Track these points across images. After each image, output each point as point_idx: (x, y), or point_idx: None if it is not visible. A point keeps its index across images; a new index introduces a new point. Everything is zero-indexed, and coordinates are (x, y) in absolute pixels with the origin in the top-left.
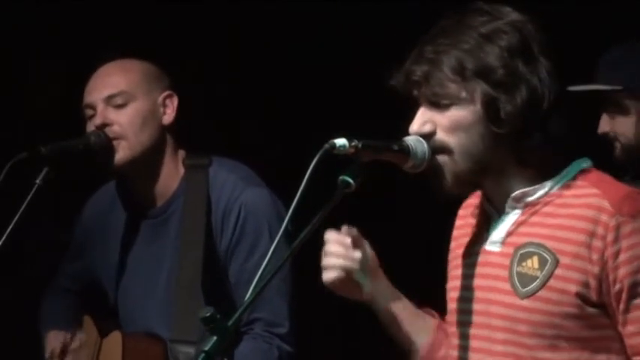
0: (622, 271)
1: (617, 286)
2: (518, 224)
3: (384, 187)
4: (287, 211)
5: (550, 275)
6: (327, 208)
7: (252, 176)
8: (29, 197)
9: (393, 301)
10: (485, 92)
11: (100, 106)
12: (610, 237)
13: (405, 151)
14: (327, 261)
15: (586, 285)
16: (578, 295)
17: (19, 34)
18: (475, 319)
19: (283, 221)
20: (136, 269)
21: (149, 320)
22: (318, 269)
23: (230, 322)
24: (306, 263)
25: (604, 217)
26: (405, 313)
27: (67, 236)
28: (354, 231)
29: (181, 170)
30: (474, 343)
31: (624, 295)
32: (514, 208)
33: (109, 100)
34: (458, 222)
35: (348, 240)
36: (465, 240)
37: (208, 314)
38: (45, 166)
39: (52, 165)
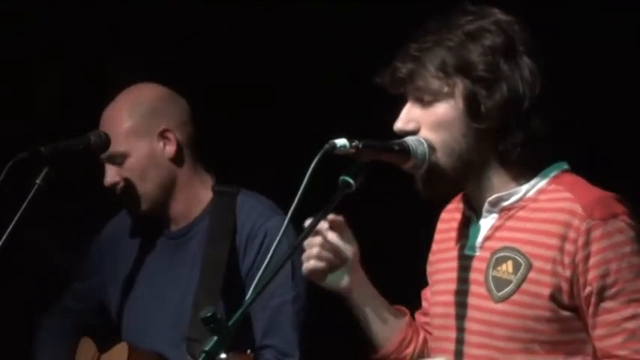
0: (591, 275)
1: (587, 290)
2: (495, 229)
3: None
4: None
5: (524, 279)
6: (327, 209)
7: (278, 208)
8: (29, 197)
9: (368, 296)
10: (466, 87)
11: (106, 165)
12: (581, 240)
13: (406, 152)
14: (309, 251)
15: (559, 288)
16: (551, 298)
17: (20, 34)
18: (454, 323)
19: (304, 254)
20: (149, 287)
21: (157, 340)
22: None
23: (230, 322)
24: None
25: (576, 221)
26: (378, 308)
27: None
28: (341, 220)
29: (208, 195)
30: (453, 347)
31: (593, 299)
32: (491, 212)
33: (109, 160)
34: (440, 225)
35: (332, 234)
36: (447, 245)
37: (209, 314)
38: (45, 166)
39: (52, 165)
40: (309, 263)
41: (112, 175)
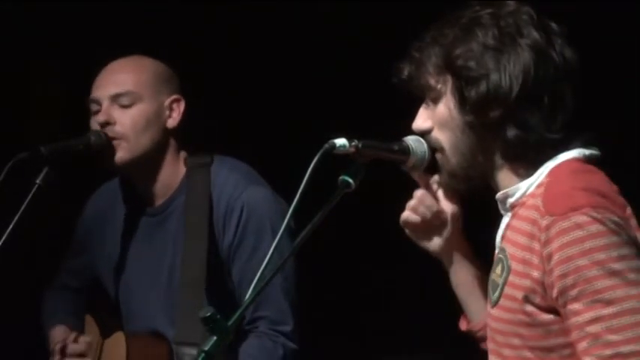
0: (554, 275)
1: (554, 291)
2: (506, 228)
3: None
4: (288, 210)
5: (505, 282)
6: (327, 208)
7: (254, 175)
8: (29, 197)
9: (463, 266)
10: (453, 83)
11: (105, 103)
12: (543, 238)
13: (406, 151)
14: (413, 203)
15: (532, 290)
16: (525, 301)
17: (20, 35)
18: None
19: (285, 219)
20: (137, 266)
21: (152, 317)
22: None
23: (230, 322)
24: (310, 262)
25: (538, 218)
26: (473, 280)
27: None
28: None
29: (183, 169)
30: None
31: (560, 301)
32: (506, 210)
33: (115, 98)
34: None
35: (431, 201)
36: None
37: (208, 314)
38: (45, 166)
39: (52, 165)
40: (403, 213)
41: (110, 114)
